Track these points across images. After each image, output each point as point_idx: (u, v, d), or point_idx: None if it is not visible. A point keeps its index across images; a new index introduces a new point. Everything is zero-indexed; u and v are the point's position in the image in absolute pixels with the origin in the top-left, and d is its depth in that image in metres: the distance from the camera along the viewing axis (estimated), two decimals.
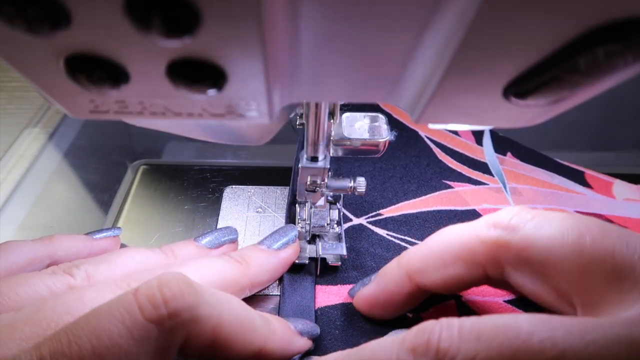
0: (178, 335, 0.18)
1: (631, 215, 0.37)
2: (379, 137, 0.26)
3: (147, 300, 0.17)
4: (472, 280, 0.23)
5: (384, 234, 0.34)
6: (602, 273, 0.18)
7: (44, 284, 0.22)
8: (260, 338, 0.21)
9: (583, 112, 0.26)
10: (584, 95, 0.13)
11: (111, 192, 0.39)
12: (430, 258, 0.24)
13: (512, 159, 0.41)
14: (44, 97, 0.14)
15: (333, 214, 0.32)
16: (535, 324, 0.16)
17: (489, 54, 0.12)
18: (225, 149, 0.44)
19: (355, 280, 0.30)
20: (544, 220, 0.20)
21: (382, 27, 0.12)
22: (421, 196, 0.37)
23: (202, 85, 0.13)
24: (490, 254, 0.22)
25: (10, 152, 0.40)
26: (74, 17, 0.11)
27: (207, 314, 0.18)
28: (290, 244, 0.29)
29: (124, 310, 0.17)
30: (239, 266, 0.26)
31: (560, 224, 0.19)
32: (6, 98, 0.46)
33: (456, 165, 0.39)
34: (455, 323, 0.17)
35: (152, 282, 0.18)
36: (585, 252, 0.18)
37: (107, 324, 0.17)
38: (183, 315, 0.18)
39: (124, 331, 0.17)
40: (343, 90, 0.15)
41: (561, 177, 0.39)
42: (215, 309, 0.19)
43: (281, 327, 0.23)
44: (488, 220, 0.22)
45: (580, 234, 0.19)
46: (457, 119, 0.16)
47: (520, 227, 0.21)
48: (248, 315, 0.21)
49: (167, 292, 0.17)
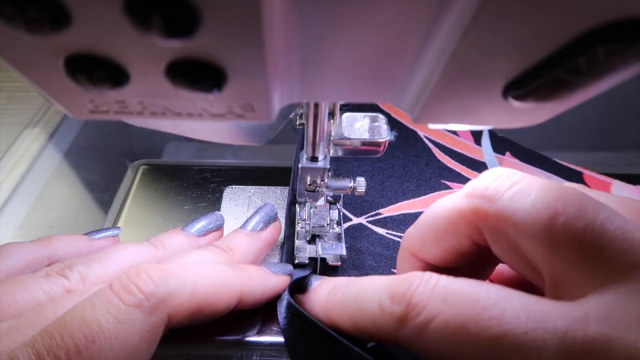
0: (160, 311, 0.20)
1: None
2: (379, 137, 0.26)
3: (123, 290, 0.20)
4: (468, 251, 0.23)
5: (383, 232, 0.34)
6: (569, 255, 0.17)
7: (41, 289, 0.22)
8: (238, 284, 0.24)
9: (583, 112, 0.26)
10: (584, 95, 0.13)
11: (111, 192, 0.39)
12: (424, 235, 0.24)
13: (510, 159, 0.41)
14: (44, 97, 0.14)
15: (333, 214, 0.32)
16: (494, 299, 0.17)
17: (488, 54, 0.12)
18: (225, 149, 0.44)
19: None
20: (522, 192, 0.19)
21: (382, 27, 0.12)
22: (420, 196, 0.37)
23: (202, 85, 0.13)
24: (471, 224, 0.21)
25: (10, 152, 0.40)
26: (74, 17, 0.11)
27: (180, 284, 0.21)
28: (272, 223, 0.30)
29: (106, 301, 0.19)
30: (225, 255, 0.27)
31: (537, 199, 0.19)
32: (6, 98, 0.46)
33: (455, 165, 0.39)
34: (433, 280, 0.19)
35: (122, 276, 0.20)
36: (555, 233, 0.18)
37: (93, 314, 0.19)
38: (158, 293, 0.20)
39: (109, 317, 0.19)
40: (343, 90, 0.15)
41: (559, 177, 0.40)
42: (186, 277, 0.22)
43: (256, 271, 0.26)
44: (467, 187, 0.22)
45: (554, 213, 0.18)
46: (457, 119, 0.16)
47: (497, 197, 0.20)
48: (219, 271, 0.24)
49: (137, 280, 0.20)
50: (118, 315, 0.19)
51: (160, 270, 0.21)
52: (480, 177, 0.21)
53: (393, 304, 0.19)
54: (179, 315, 0.21)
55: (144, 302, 0.20)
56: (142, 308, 0.19)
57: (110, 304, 0.19)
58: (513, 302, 0.17)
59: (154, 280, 0.20)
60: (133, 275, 0.20)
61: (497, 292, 0.17)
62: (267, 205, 0.30)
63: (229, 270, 0.24)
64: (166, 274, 0.21)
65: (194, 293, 0.22)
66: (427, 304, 0.18)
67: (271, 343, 0.27)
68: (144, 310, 0.19)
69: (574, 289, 0.17)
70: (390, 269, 0.32)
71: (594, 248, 0.17)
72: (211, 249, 0.27)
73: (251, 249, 0.28)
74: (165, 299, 0.20)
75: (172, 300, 0.21)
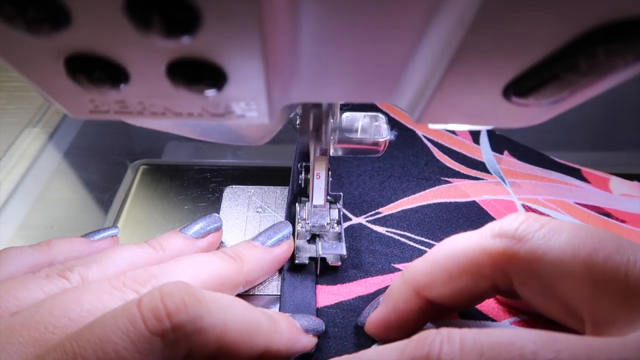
0: (182, 347, 0.18)
1: (629, 210, 0.37)
2: (379, 136, 0.26)
3: (150, 313, 0.17)
4: (482, 293, 0.22)
5: (383, 231, 0.34)
6: (614, 291, 0.17)
7: (42, 290, 0.22)
8: (266, 339, 0.21)
9: (583, 112, 0.26)
10: (584, 95, 0.13)
11: (111, 192, 0.39)
12: (436, 272, 0.23)
13: (509, 158, 0.41)
14: (44, 97, 0.14)
15: (333, 213, 0.32)
16: (540, 343, 0.15)
17: (489, 54, 0.12)
18: (225, 149, 0.44)
19: (355, 278, 0.30)
20: (553, 231, 0.19)
21: (382, 27, 0.12)
22: (420, 191, 0.37)
23: (202, 85, 0.13)
24: (497, 266, 0.21)
25: (10, 152, 0.40)
26: (74, 17, 0.11)
27: (211, 324, 0.18)
28: (285, 240, 0.29)
29: (128, 322, 0.17)
30: (234, 263, 0.26)
31: (571, 237, 0.18)
32: (6, 98, 0.46)
33: (454, 165, 0.39)
34: (457, 336, 0.17)
35: (155, 293, 0.18)
36: (597, 269, 0.17)
37: (113, 336, 0.17)
38: (187, 327, 0.18)
39: (129, 344, 0.17)
40: (343, 90, 0.15)
41: (559, 173, 0.40)
42: (219, 317, 0.19)
43: (287, 326, 0.23)
44: (493, 229, 0.21)
45: (593, 249, 0.18)
46: (457, 119, 0.16)
47: (528, 237, 0.19)
48: (253, 318, 0.21)
49: (169, 304, 0.17)
50: (138, 343, 0.17)
51: (196, 297, 0.18)
52: (505, 220, 0.21)
53: None
54: (198, 355, 0.19)
55: (169, 334, 0.17)
56: (165, 340, 0.17)
57: (133, 328, 0.17)
58: (560, 343, 0.15)
59: (186, 309, 0.18)
60: (166, 294, 0.18)
61: (535, 336, 0.16)
62: (281, 223, 0.30)
63: (262, 317, 0.22)
64: (200, 302, 0.18)
65: (222, 336, 0.19)
66: None
67: None
68: (166, 342, 0.17)
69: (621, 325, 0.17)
70: (390, 264, 0.32)
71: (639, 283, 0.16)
72: (220, 255, 0.26)
73: (261, 262, 0.28)
74: (192, 335, 0.18)
75: (198, 338, 0.18)
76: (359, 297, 0.29)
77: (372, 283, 0.30)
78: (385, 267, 0.31)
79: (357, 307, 0.28)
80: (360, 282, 0.30)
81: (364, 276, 0.31)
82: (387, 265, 0.31)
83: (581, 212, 0.37)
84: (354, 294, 0.29)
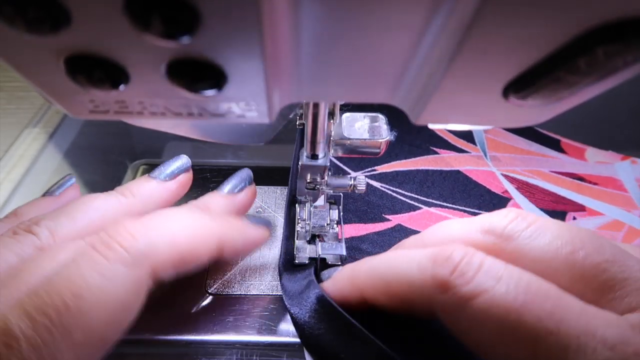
0: (143, 264, 0.21)
1: (602, 174, 0.42)
2: (379, 137, 0.26)
3: (105, 247, 0.20)
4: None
5: (378, 185, 0.39)
6: (591, 287, 0.18)
7: (12, 252, 0.21)
8: (217, 232, 0.24)
9: (583, 112, 0.26)
10: (584, 95, 0.13)
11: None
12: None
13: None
14: (44, 97, 0.14)
15: (333, 213, 0.32)
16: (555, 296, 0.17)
17: (488, 54, 0.12)
18: (225, 149, 0.44)
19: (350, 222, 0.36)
20: (539, 231, 0.20)
21: (382, 27, 0.12)
22: (411, 158, 0.42)
23: (202, 85, 0.13)
24: None
25: (10, 152, 0.40)
26: (73, 17, 0.11)
27: (159, 235, 0.22)
28: (247, 186, 0.30)
29: (89, 259, 0.20)
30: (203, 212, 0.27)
31: (555, 237, 0.19)
32: (6, 98, 0.46)
33: (443, 133, 0.45)
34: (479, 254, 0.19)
35: (102, 234, 0.21)
36: (576, 267, 0.18)
37: (78, 271, 0.19)
38: (139, 247, 0.20)
39: (94, 274, 0.19)
40: (343, 90, 0.15)
41: (538, 144, 0.45)
42: (165, 229, 0.22)
43: (235, 220, 0.26)
44: (483, 224, 0.22)
45: (573, 249, 0.19)
46: (457, 118, 0.16)
47: (514, 236, 0.20)
48: (198, 220, 0.24)
49: (118, 237, 0.21)
50: (103, 272, 0.19)
51: (139, 224, 0.21)
52: (495, 216, 0.22)
53: (436, 265, 0.19)
54: (163, 267, 0.21)
55: (126, 257, 0.20)
56: (125, 263, 0.20)
57: (94, 262, 0.19)
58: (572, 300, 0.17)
59: (133, 235, 0.21)
60: (113, 232, 0.21)
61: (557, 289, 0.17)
62: (243, 170, 0.31)
63: (207, 218, 0.24)
64: (145, 227, 0.21)
65: (173, 243, 0.22)
66: (475, 276, 0.18)
67: (271, 343, 0.27)
68: (127, 265, 0.20)
69: None
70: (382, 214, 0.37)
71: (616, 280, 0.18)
72: (189, 206, 0.27)
73: (227, 210, 0.29)
74: (147, 252, 0.21)
75: (154, 253, 0.21)
76: (351, 237, 0.35)
77: (363, 228, 0.35)
78: (377, 216, 0.36)
79: (348, 244, 0.34)
80: (354, 225, 0.36)
81: (358, 222, 0.36)
82: (379, 215, 0.37)
83: (556, 178, 0.41)
84: (347, 234, 0.35)
